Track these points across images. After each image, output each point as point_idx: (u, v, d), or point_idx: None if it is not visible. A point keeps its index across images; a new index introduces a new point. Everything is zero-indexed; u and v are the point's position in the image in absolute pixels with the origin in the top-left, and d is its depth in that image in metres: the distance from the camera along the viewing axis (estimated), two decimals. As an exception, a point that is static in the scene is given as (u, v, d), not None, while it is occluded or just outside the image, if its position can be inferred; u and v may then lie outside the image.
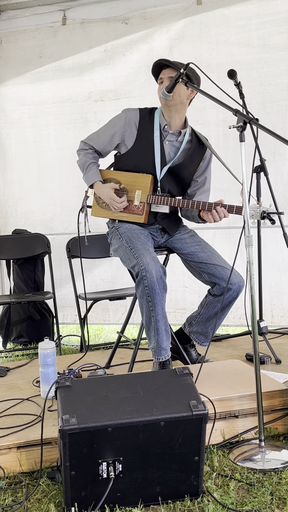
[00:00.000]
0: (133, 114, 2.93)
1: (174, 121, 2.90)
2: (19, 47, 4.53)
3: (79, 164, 3.01)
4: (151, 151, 2.88)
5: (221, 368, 2.82)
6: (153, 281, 2.64)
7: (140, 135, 2.90)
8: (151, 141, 2.89)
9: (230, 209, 2.77)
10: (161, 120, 2.91)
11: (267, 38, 4.00)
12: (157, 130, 2.89)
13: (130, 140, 2.91)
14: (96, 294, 4.11)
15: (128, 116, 2.93)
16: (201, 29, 4.14)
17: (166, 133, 2.91)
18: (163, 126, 2.90)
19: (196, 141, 2.99)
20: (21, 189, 4.70)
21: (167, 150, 2.91)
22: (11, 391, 2.85)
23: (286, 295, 4.19)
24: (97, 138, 2.99)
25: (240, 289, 2.84)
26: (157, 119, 2.91)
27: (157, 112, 2.94)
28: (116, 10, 4.30)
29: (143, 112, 2.95)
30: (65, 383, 2.00)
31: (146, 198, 2.87)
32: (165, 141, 2.92)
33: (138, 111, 2.94)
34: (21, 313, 4.31)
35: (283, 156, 4.02)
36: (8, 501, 1.97)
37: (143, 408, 1.91)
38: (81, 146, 3.02)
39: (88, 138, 3.03)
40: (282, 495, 1.94)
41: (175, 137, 2.93)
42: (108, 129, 2.96)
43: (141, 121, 2.91)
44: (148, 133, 2.90)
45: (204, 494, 1.96)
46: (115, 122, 2.96)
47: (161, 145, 2.89)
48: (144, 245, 2.77)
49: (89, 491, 1.87)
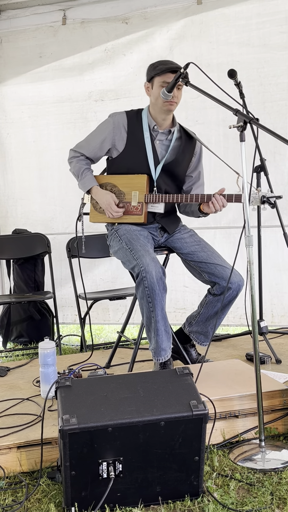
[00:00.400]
0: (121, 118, 2.93)
1: (165, 121, 2.91)
2: (19, 46, 4.52)
3: (73, 172, 3.00)
4: (143, 152, 2.88)
5: (221, 368, 2.82)
6: (153, 282, 2.64)
7: (130, 137, 2.90)
8: (142, 142, 2.89)
9: (229, 198, 2.76)
10: (149, 121, 2.91)
11: (267, 38, 3.99)
12: (146, 131, 2.89)
13: (121, 144, 2.91)
14: (96, 293, 4.11)
15: (116, 120, 2.92)
16: (201, 28, 4.13)
17: (156, 133, 2.92)
18: (153, 127, 2.91)
19: (186, 137, 3.00)
20: (21, 189, 4.70)
21: (159, 150, 2.92)
22: (11, 391, 2.85)
23: (286, 295, 4.19)
24: (87, 146, 2.98)
25: (239, 288, 2.84)
26: (145, 120, 2.91)
27: (144, 113, 2.94)
28: (116, 10, 4.29)
29: (130, 115, 2.94)
30: (65, 383, 2.01)
31: (144, 198, 2.87)
32: (156, 141, 2.92)
33: (125, 114, 2.94)
34: (21, 313, 4.31)
35: (283, 156, 4.02)
36: (8, 501, 1.97)
37: (143, 408, 1.91)
38: (71, 154, 3.01)
39: (77, 146, 3.02)
40: (282, 495, 1.94)
41: (165, 136, 2.94)
42: (97, 135, 2.96)
43: (129, 124, 2.91)
44: (138, 134, 2.90)
45: (204, 494, 1.96)
46: (104, 128, 2.95)
47: (153, 145, 2.90)
48: (144, 246, 2.77)
49: (89, 491, 1.87)
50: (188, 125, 3.48)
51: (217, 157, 2.77)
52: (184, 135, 2.99)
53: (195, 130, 3.67)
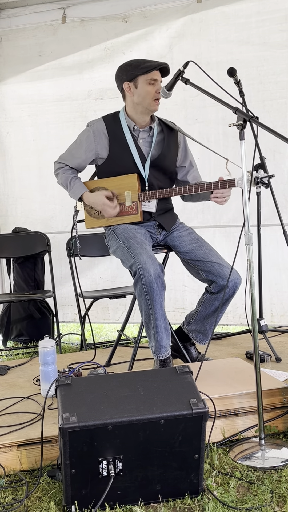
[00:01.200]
0: (99, 125, 2.94)
1: (145, 119, 2.92)
2: (19, 45, 4.52)
3: (61, 183, 3.00)
4: (128, 153, 2.89)
5: (221, 366, 2.82)
6: (151, 279, 2.64)
7: (112, 142, 2.91)
8: (125, 144, 2.89)
9: (223, 185, 2.76)
10: (128, 122, 2.92)
11: (267, 36, 3.99)
12: (127, 132, 2.90)
13: (104, 151, 2.92)
14: (96, 292, 4.11)
15: (95, 129, 2.93)
16: (201, 27, 4.13)
17: (137, 132, 2.92)
18: (132, 127, 2.91)
19: (167, 129, 3.00)
20: (21, 188, 4.70)
21: (143, 148, 2.92)
22: (12, 389, 2.85)
23: (286, 294, 4.18)
24: (70, 158, 2.99)
25: (236, 286, 2.84)
26: (124, 121, 2.92)
27: (122, 115, 2.94)
28: (116, 8, 4.29)
29: (107, 120, 2.95)
30: (65, 381, 2.00)
31: (137, 197, 2.87)
32: (139, 140, 2.92)
33: (102, 120, 2.95)
34: (21, 311, 4.31)
35: (283, 154, 4.02)
36: (8, 499, 1.97)
37: (143, 407, 1.91)
38: (56, 166, 3.02)
39: (60, 157, 3.02)
40: (282, 493, 1.94)
41: (147, 133, 2.94)
42: (79, 146, 2.96)
43: (109, 129, 2.92)
44: (120, 137, 2.90)
45: (204, 492, 1.96)
46: (85, 138, 2.95)
47: (136, 145, 2.90)
48: (141, 244, 2.77)
49: (90, 489, 1.87)
50: (188, 124, 3.50)
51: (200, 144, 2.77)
52: (165, 128, 3.00)
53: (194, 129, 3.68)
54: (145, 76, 2.82)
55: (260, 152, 3.09)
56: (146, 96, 2.82)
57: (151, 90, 2.82)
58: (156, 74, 2.82)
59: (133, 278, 2.73)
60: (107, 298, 3.94)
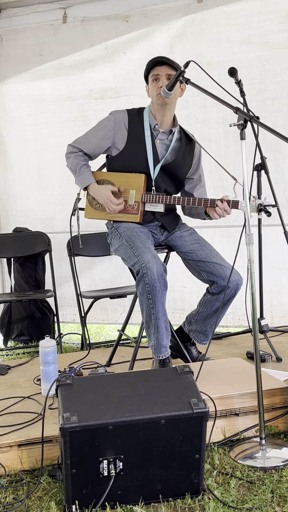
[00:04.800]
0: (122, 116, 2.93)
1: (166, 119, 2.91)
2: (20, 45, 4.52)
3: (70, 167, 2.97)
4: (143, 150, 2.88)
5: (221, 366, 2.82)
6: (153, 279, 2.64)
7: (131, 135, 2.90)
8: (142, 141, 2.89)
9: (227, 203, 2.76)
10: (150, 120, 2.91)
11: (268, 36, 3.99)
12: (147, 130, 2.89)
13: (121, 142, 2.91)
14: (97, 292, 4.11)
15: (117, 118, 2.92)
16: (201, 27, 4.13)
17: (157, 132, 2.92)
18: (154, 126, 2.90)
19: (185, 139, 3.00)
20: (21, 188, 4.70)
21: (159, 149, 2.92)
22: (12, 389, 2.85)
23: (286, 295, 4.17)
24: (86, 142, 2.96)
25: (237, 287, 2.84)
26: (146, 118, 2.91)
27: (146, 111, 2.93)
28: (117, 8, 4.29)
29: (131, 113, 2.94)
30: (66, 381, 2.01)
31: (140, 197, 2.87)
32: (157, 140, 2.92)
33: (126, 112, 2.94)
34: (22, 311, 4.31)
35: (284, 154, 4.02)
36: (9, 499, 1.97)
37: (144, 406, 1.91)
38: (69, 149, 2.99)
39: (76, 141, 2.99)
40: (283, 493, 1.94)
41: (166, 135, 2.93)
42: (97, 132, 2.94)
43: (131, 122, 2.91)
44: (139, 133, 2.89)
45: (204, 492, 1.96)
46: (104, 125, 2.94)
47: (153, 144, 2.89)
48: (144, 243, 2.77)
49: (90, 489, 1.87)
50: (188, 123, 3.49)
51: (216, 161, 2.76)
52: (184, 137, 3.00)
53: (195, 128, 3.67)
54: (149, 75, 2.86)
55: (261, 152, 3.08)
56: (153, 93, 2.85)
57: (154, 86, 2.84)
58: (157, 70, 2.82)
59: (136, 276, 2.73)
60: (107, 298, 3.94)
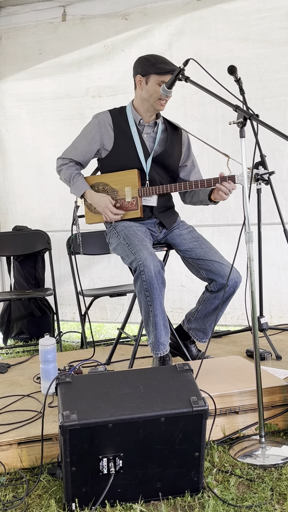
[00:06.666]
0: (105, 116, 2.95)
1: (151, 114, 2.93)
2: (19, 43, 4.52)
3: (64, 179, 2.99)
4: (133, 146, 2.89)
5: (221, 364, 2.82)
6: (151, 276, 2.64)
7: (117, 134, 2.91)
8: (130, 137, 2.90)
9: (223, 180, 2.76)
10: (134, 116, 2.93)
11: (267, 34, 3.98)
12: (133, 126, 2.91)
13: (109, 143, 2.92)
14: (96, 290, 4.11)
15: (101, 120, 2.94)
16: (200, 24, 4.12)
17: (142, 126, 2.94)
18: (138, 121, 2.92)
19: (171, 128, 3.02)
20: (20, 186, 4.69)
21: (147, 142, 2.93)
22: (12, 387, 2.85)
23: (285, 295, 4.16)
24: (74, 150, 2.99)
25: (236, 284, 2.84)
26: (130, 115, 2.93)
27: (128, 109, 2.95)
28: (116, 6, 4.28)
29: (114, 112, 2.96)
30: (65, 379, 2.01)
31: (137, 192, 2.87)
32: (143, 134, 2.93)
33: (108, 113, 2.96)
34: (22, 309, 4.31)
35: (283, 152, 4.01)
36: (9, 497, 1.97)
37: (144, 404, 1.91)
38: (59, 162, 3.01)
39: (64, 153, 3.02)
40: (283, 490, 1.94)
41: (151, 128, 2.95)
42: (84, 138, 2.97)
43: (115, 121, 2.93)
44: (125, 130, 2.91)
45: (204, 489, 1.97)
46: (90, 129, 2.96)
47: (141, 139, 2.91)
48: (142, 241, 2.77)
49: (90, 487, 1.87)
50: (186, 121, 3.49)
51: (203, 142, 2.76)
52: (169, 127, 3.02)
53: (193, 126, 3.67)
54: (157, 76, 2.81)
55: (260, 150, 3.09)
56: (153, 95, 2.83)
57: (159, 90, 2.80)
58: (168, 78, 2.80)
59: (133, 274, 2.73)
60: (107, 296, 3.94)
